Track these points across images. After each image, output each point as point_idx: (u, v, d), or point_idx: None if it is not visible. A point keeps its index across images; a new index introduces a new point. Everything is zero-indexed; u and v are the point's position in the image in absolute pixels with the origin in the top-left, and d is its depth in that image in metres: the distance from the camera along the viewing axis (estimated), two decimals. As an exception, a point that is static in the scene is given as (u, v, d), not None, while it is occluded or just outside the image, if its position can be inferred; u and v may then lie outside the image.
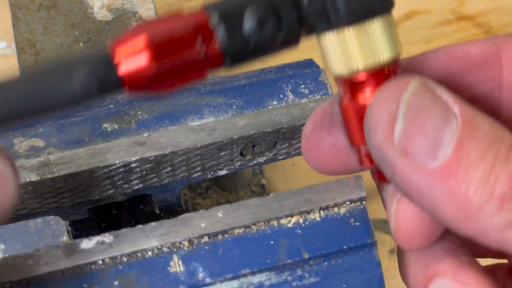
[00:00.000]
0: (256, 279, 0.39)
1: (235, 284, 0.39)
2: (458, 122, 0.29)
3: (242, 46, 0.32)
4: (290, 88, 0.44)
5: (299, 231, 0.40)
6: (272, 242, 0.39)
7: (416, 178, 0.29)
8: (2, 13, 0.66)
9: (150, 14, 0.48)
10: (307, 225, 0.40)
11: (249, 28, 0.32)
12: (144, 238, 0.39)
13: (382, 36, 0.33)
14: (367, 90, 0.33)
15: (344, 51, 0.33)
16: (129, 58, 0.31)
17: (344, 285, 0.39)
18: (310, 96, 0.44)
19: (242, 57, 0.32)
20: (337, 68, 0.33)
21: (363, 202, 0.41)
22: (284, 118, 0.43)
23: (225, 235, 0.40)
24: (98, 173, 0.41)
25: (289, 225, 0.40)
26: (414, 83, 0.30)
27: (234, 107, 0.43)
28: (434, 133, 0.29)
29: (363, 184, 0.41)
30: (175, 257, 0.40)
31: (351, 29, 0.32)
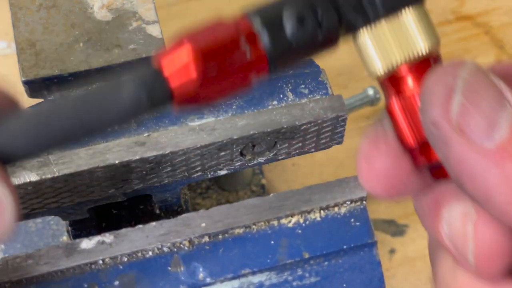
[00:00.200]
0: (257, 279, 0.39)
1: (236, 284, 0.39)
2: None
3: (286, 47, 0.32)
4: (290, 88, 0.44)
5: (300, 231, 0.40)
6: (273, 242, 0.39)
7: (471, 158, 0.28)
8: (2, 13, 0.66)
9: (150, 14, 0.48)
10: (308, 225, 0.40)
11: (290, 27, 0.32)
12: (145, 238, 0.39)
13: (418, 26, 0.33)
14: (412, 82, 0.33)
15: (383, 46, 0.33)
16: (177, 70, 0.31)
17: (345, 285, 0.39)
18: (310, 96, 0.44)
19: (286, 59, 0.32)
20: (378, 66, 0.33)
21: (364, 202, 0.41)
22: (284, 118, 0.42)
23: (226, 235, 0.40)
24: (98, 173, 0.41)
25: (290, 225, 0.40)
26: (470, 64, 0.30)
27: (234, 107, 0.43)
28: (490, 113, 0.28)
29: (363, 184, 0.41)
30: (176, 257, 0.40)
31: (387, 22, 0.33)
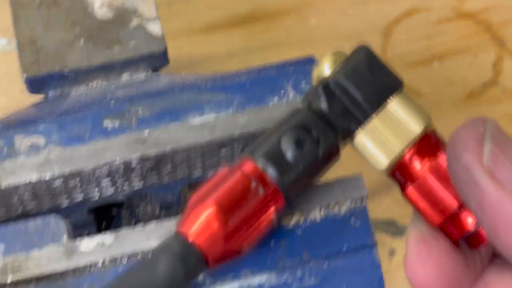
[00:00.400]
0: (256, 280, 0.39)
1: (235, 285, 0.39)
2: None
3: (293, 172, 0.34)
4: (291, 85, 0.44)
5: (299, 231, 0.40)
6: (272, 243, 0.39)
7: (506, 203, 0.28)
8: (3, 10, 0.65)
9: (151, 12, 0.47)
10: (307, 225, 0.40)
11: (291, 153, 0.33)
12: (145, 239, 0.39)
13: (407, 111, 0.34)
14: (419, 163, 0.34)
15: (380, 141, 0.34)
16: (205, 234, 0.32)
17: (344, 286, 0.39)
18: (311, 94, 0.43)
19: (298, 184, 0.34)
20: (382, 160, 0.34)
21: (364, 202, 0.41)
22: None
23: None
24: (99, 171, 0.41)
25: (289, 226, 0.40)
26: (491, 120, 0.30)
27: (235, 104, 0.43)
28: None
29: (364, 184, 0.41)
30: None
31: (377, 117, 0.34)
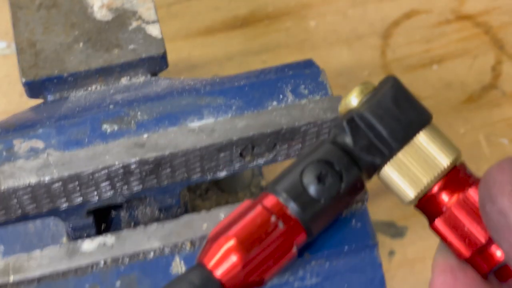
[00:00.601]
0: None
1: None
2: None
3: (315, 208, 0.33)
4: (290, 89, 0.44)
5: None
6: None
7: None
8: (2, 13, 0.66)
9: (150, 14, 0.47)
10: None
11: (314, 188, 0.33)
12: (146, 239, 0.39)
13: (434, 145, 0.34)
14: (447, 195, 0.34)
15: (407, 174, 0.34)
16: (223, 265, 0.32)
17: (345, 286, 0.39)
18: (310, 97, 0.43)
19: (320, 219, 0.33)
20: (410, 194, 0.34)
21: (364, 204, 0.41)
22: (284, 119, 0.42)
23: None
24: (98, 175, 0.41)
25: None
26: None
27: (234, 108, 0.43)
28: None
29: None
30: (177, 258, 0.40)
31: (404, 152, 0.34)
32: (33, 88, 0.45)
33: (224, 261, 0.32)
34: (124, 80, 0.46)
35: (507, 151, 0.66)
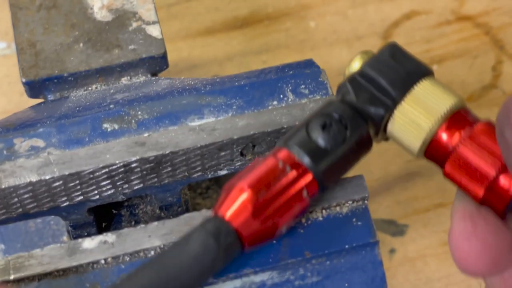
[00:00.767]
0: (259, 278, 0.39)
1: (238, 283, 0.39)
2: None
3: (322, 156, 0.34)
4: (290, 88, 0.44)
5: (301, 231, 0.40)
6: (274, 242, 0.39)
7: None
8: (2, 13, 0.66)
9: (150, 15, 0.48)
10: (309, 225, 0.40)
11: (319, 137, 0.34)
12: (147, 238, 0.39)
13: (437, 90, 0.34)
14: (454, 135, 0.34)
15: (413, 122, 0.34)
16: (235, 210, 0.33)
17: (346, 284, 0.39)
18: (310, 96, 0.44)
19: (329, 168, 0.34)
20: (418, 141, 0.34)
21: (365, 202, 0.41)
22: (284, 118, 0.42)
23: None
24: (98, 173, 0.41)
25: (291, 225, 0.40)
26: None
27: (234, 107, 0.43)
28: None
29: (365, 184, 0.41)
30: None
31: (405, 101, 0.34)
32: (33, 88, 0.45)
33: (236, 207, 0.33)
34: (125, 80, 0.46)
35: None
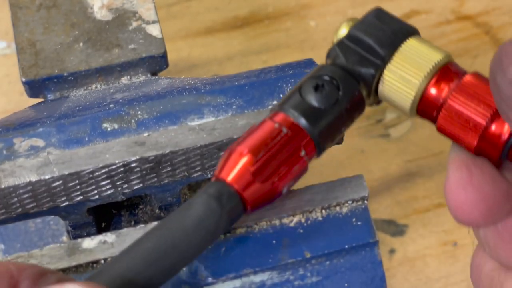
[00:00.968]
0: (258, 278, 0.39)
1: (237, 283, 0.39)
2: None
3: (316, 115, 0.35)
4: (290, 88, 0.44)
5: (301, 231, 0.40)
6: (274, 242, 0.39)
7: None
8: (2, 13, 0.66)
9: (150, 14, 0.48)
10: (309, 225, 0.40)
11: (312, 98, 0.35)
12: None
13: (424, 47, 0.35)
14: (444, 88, 0.34)
15: (403, 79, 0.34)
16: (234, 172, 0.34)
17: (346, 284, 0.39)
18: (311, 96, 0.43)
19: (323, 128, 0.35)
20: (409, 96, 0.35)
21: (365, 202, 0.41)
22: (285, 118, 0.42)
23: (227, 235, 0.40)
24: (98, 173, 0.41)
25: (291, 225, 0.40)
26: None
27: (234, 107, 0.43)
28: None
29: (365, 184, 0.41)
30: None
31: (394, 60, 0.35)
32: (33, 87, 0.45)
33: (236, 169, 0.34)
34: (124, 80, 0.46)
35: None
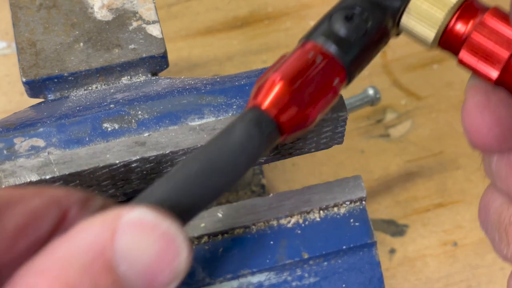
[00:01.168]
0: (256, 279, 0.39)
1: (235, 284, 0.39)
2: None
3: (347, 44, 0.36)
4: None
5: (299, 231, 0.40)
6: (272, 242, 0.39)
7: None
8: (2, 13, 0.66)
9: (150, 14, 0.48)
10: (307, 225, 0.40)
11: (344, 29, 0.36)
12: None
13: None
14: (466, 23, 0.36)
15: (426, 13, 0.36)
16: (271, 99, 0.34)
17: (344, 285, 0.39)
18: (310, 96, 0.43)
19: (354, 58, 0.36)
20: (430, 31, 0.36)
21: (363, 202, 0.41)
22: (284, 118, 0.42)
23: (225, 235, 0.40)
24: (99, 173, 0.41)
25: (289, 225, 0.40)
26: None
27: (235, 107, 0.43)
28: None
29: (363, 184, 0.41)
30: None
31: None
32: (34, 88, 0.45)
33: (271, 95, 0.35)
34: (125, 80, 0.46)
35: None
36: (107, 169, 0.41)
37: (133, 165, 0.42)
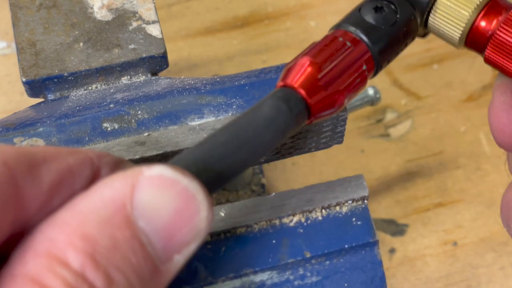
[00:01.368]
0: (258, 278, 0.39)
1: (237, 283, 0.39)
2: None
3: (377, 33, 0.37)
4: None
5: (301, 230, 0.40)
6: (274, 241, 0.39)
7: None
8: (2, 13, 0.66)
9: (150, 14, 0.48)
10: (309, 224, 0.40)
11: (374, 19, 0.37)
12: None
13: None
14: (492, 21, 0.36)
15: (453, 12, 0.37)
16: (300, 78, 0.35)
17: (346, 284, 0.39)
18: (311, 96, 0.43)
19: (383, 47, 0.37)
20: (457, 29, 0.37)
21: (365, 201, 0.41)
22: (285, 118, 0.42)
23: (227, 234, 0.40)
24: (99, 173, 0.41)
25: (291, 224, 0.40)
26: None
27: (235, 107, 0.43)
28: None
29: (365, 184, 0.41)
30: (176, 257, 0.40)
31: None
32: (34, 87, 0.45)
33: (302, 76, 0.35)
34: (125, 80, 0.46)
35: (507, 150, 0.66)
36: (107, 169, 0.41)
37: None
